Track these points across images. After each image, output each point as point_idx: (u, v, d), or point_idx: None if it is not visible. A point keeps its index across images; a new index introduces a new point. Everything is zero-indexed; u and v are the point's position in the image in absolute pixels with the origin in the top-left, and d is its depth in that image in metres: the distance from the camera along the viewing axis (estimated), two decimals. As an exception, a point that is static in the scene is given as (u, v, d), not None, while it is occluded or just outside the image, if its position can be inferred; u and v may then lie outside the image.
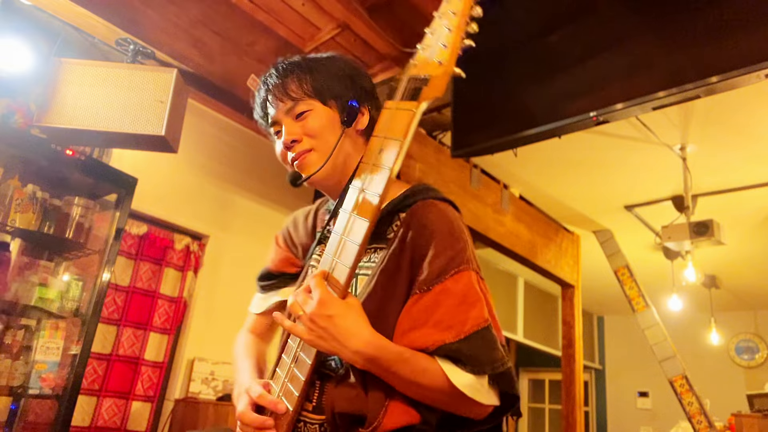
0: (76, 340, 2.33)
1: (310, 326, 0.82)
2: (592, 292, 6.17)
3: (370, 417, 0.83)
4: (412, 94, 0.85)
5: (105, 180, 2.54)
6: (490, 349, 0.84)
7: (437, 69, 0.83)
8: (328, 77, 1.01)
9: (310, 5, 3.27)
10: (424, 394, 0.84)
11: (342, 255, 0.83)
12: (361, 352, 0.81)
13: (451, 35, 0.84)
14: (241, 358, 1.11)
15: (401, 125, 0.84)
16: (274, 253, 1.19)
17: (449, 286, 0.86)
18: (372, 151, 0.87)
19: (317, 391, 0.90)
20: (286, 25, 3.40)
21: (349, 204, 0.86)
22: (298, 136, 1.00)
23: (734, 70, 1.86)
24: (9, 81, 2.37)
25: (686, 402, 4.12)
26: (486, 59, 2.65)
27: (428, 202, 0.95)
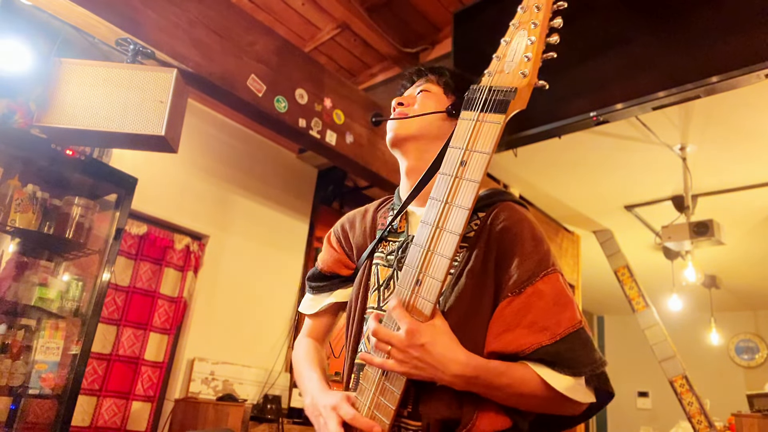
0: (76, 340, 2.33)
1: (403, 359, 0.82)
2: (592, 292, 6.17)
3: (464, 421, 0.84)
4: (495, 106, 0.83)
5: (105, 180, 2.54)
6: (588, 349, 0.85)
7: (522, 81, 0.82)
8: (462, 81, 1.08)
9: (310, 5, 3.27)
10: (524, 402, 0.85)
11: (431, 269, 0.82)
12: (461, 375, 0.81)
13: (534, 46, 0.83)
14: (306, 367, 1.09)
15: (488, 138, 0.83)
16: (327, 254, 1.18)
17: (540, 288, 0.86)
18: (452, 163, 0.85)
19: (412, 397, 0.88)
20: (286, 25, 3.40)
21: (430, 216, 0.85)
22: (408, 102, 1.10)
23: (734, 70, 1.86)
24: (9, 81, 2.36)
25: (686, 402, 4.12)
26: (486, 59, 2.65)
27: (508, 205, 0.98)
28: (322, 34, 3.49)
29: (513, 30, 0.87)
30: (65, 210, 2.42)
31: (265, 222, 3.84)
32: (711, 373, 6.47)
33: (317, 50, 3.61)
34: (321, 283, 1.17)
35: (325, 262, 1.17)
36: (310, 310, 1.19)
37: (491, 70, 0.87)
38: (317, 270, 1.18)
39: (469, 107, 0.87)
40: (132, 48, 2.25)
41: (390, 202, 1.16)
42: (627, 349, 7.52)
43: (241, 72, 2.57)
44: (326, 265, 1.16)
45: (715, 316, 6.11)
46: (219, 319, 3.47)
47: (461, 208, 0.81)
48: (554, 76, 2.59)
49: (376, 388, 0.87)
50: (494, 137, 0.82)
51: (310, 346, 1.15)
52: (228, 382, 3.39)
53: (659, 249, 4.64)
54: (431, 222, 0.84)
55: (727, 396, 5.38)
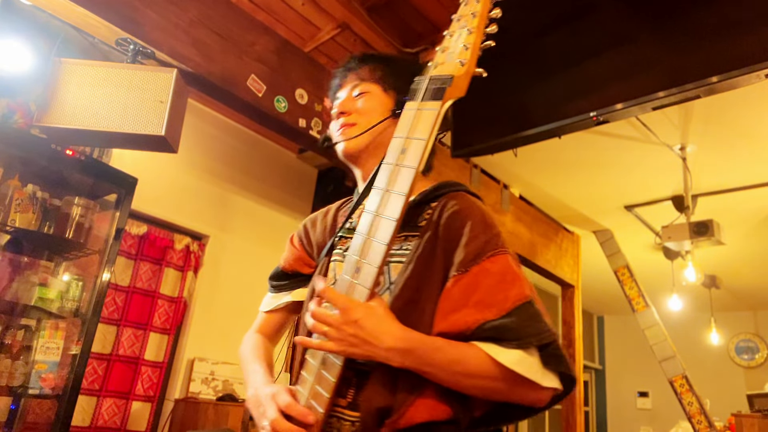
0: (76, 340, 2.33)
1: (338, 336, 0.81)
2: (592, 292, 6.17)
3: (396, 407, 0.82)
4: (433, 95, 0.86)
5: (105, 180, 2.54)
6: (535, 321, 0.82)
7: (459, 69, 0.85)
8: (397, 71, 1.07)
9: (310, 5, 3.27)
10: (471, 383, 0.81)
11: (368, 255, 0.82)
12: (395, 348, 0.80)
13: (472, 36, 0.86)
14: (252, 360, 1.09)
15: (425, 125, 0.85)
16: (288, 253, 1.19)
17: (487, 267, 0.85)
18: (393, 152, 0.87)
19: (353, 387, 0.88)
20: (286, 25, 3.40)
21: (372, 205, 0.86)
22: (348, 109, 1.06)
23: (734, 70, 1.86)
24: (9, 81, 2.36)
25: (686, 402, 4.12)
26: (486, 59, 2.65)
27: (460, 193, 0.98)
28: (322, 34, 3.48)
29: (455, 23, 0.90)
30: (65, 210, 2.42)
31: (265, 222, 3.84)
32: (711, 373, 6.47)
33: (317, 50, 3.61)
34: (282, 281, 1.18)
35: (287, 261, 1.17)
36: (267, 308, 1.19)
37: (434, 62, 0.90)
38: (279, 269, 1.19)
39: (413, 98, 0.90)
40: (132, 48, 2.25)
41: (350, 202, 1.15)
42: (627, 349, 7.52)
43: (241, 72, 2.57)
44: (288, 263, 1.17)
45: (715, 316, 6.11)
46: (219, 319, 3.47)
47: (398, 194, 0.83)
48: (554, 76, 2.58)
49: (315, 377, 0.87)
50: (431, 124, 0.84)
51: (258, 341, 1.15)
52: (228, 382, 3.39)
53: (659, 249, 4.64)
54: (372, 210, 0.85)
55: (727, 396, 5.38)
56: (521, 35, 2.55)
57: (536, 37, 2.49)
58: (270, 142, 3.94)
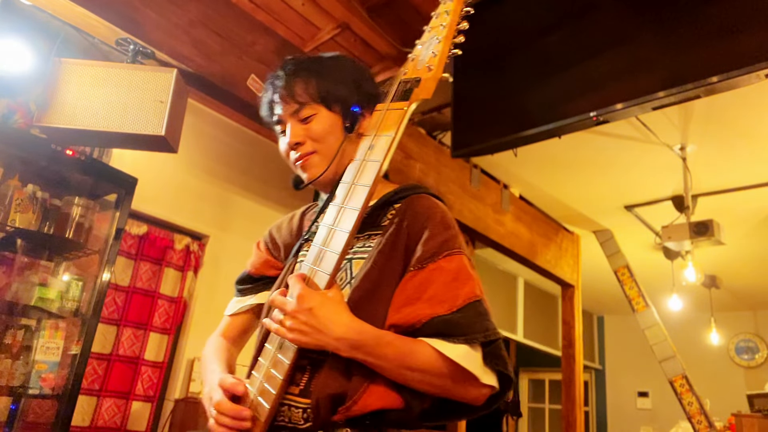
0: (76, 340, 2.33)
1: (292, 324, 0.84)
2: (592, 292, 6.17)
3: (349, 395, 0.83)
4: (401, 95, 0.93)
5: (105, 180, 2.54)
6: (483, 319, 0.86)
7: (427, 73, 0.92)
8: (333, 82, 1.04)
9: (310, 5, 3.27)
10: (418, 378, 0.84)
11: (331, 243, 0.86)
12: (343, 338, 0.82)
13: (440, 45, 0.93)
14: (211, 361, 1.10)
15: (392, 123, 0.91)
16: (255, 258, 1.19)
17: (442, 265, 0.89)
18: (362, 150, 0.93)
19: (306, 375, 0.89)
20: (286, 25, 3.40)
21: (339, 198, 0.90)
22: (302, 138, 1.02)
23: (734, 70, 1.86)
24: (9, 81, 2.36)
25: (686, 402, 4.12)
26: (486, 59, 2.65)
27: (422, 195, 1.01)
28: (322, 34, 3.48)
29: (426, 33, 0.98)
30: (65, 210, 2.42)
31: (265, 222, 3.82)
32: (711, 373, 6.47)
33: (317, 50, 3.61)
34: (248, 285, 1.18)
35: (253, 265, 1.18)
36: (232, 311, 1.19)
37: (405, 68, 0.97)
38: (246, 274, 1.19)
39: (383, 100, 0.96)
40: (132, 48, 2.25)
41: (316, 206, 1.16)
42: (627, 349, 7.52)
43: (241, 72, 2.57)
44: (255, 267, 1.17)
45: (715, 316, 6.11)
46: (219, 319, 3.46)
47: (363, 185, 0.87)
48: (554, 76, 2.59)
49: (271, 361, 0.89)
50: (398, 122, 0.90)
51: (221, 344, 1.16)
52: (228, 382, 3.39)
53: (659, 249, 4.64)
54: (338, 203, 0.90)
55: (727, 396, 5.38)
56: (521, 35, 2.55)
57: (536, 37, 2.49)
58: (270, 142, 3.94)
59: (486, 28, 2.76)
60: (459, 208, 3.53)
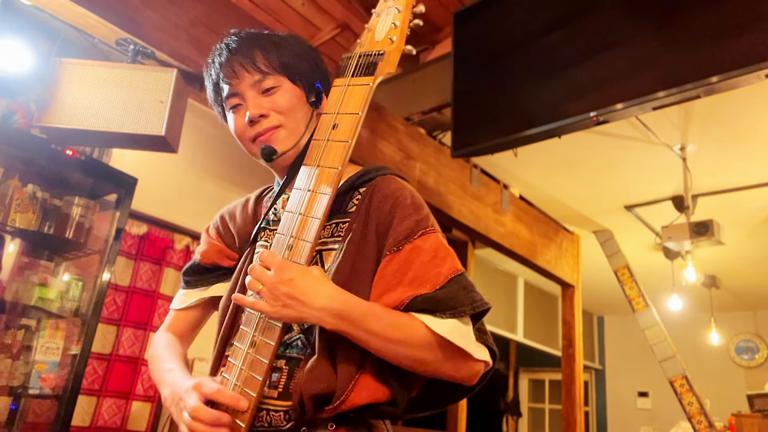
0: (76, 340, 2.33)
1: (272, 296, 0.78)
2: (592, 292, 6.17)
3: (338, 393, 0.80)
4: (364, 70, 0.86)
5: (105, 180, 2.54)
6: (469, 291, 0.84)
7: (390, 45, 0.86)
8: (294, 55, 0.98)
9: (310, 5, 3.27)
10: (407, 353, 0.80)
11: (301, 231, 0.81)
12: (328, 307, 0.78)
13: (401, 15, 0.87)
14: (164, 359, 1.01)
15: (357, 100, 0.85)
16: (206, 245, 1.09)
17: (419, 245, 0.85)
18: (324, 127, 0.86)
19: (284, 376, 0.85)
20: (286, 25, 3.40)
21: (303, 182, 0.84)
22: (265, 111, 0.94)
23: (734, 70, 1.86)
24: (9, 81, 2.36)
25: (686, 402, 4.12)
26: (486, 59, 2.65)
27: (388, 177, 0.96)
28: (322, 34, 3.48)
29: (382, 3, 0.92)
30: (65, 210, 2.42)
31: (265, 222, 3.84)
32: (711, 373, 6.47)
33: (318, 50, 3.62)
34: (198, 276, 1.09)
35: (204, 254, 1.08)
36: (180, 305, 1.10)
37: (362, 40, 0.91)
38: (195, 263, 1.09)
39: (342, 74, 0.89)
40: (132, 48, 2.25)
41: (271, 191, 1.11)
42: (627, 349, 7.52)
43: (241, 72, 2.57)
44: (206, 257, 1.08)
45: (715, 316, 6.11)
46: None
47: (331, 168, 0.82)
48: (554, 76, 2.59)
49: (244, 362, 0.82)
50: (363, 98, 0.84)
51: (171, 340, 1.07)
52: (228, 382, 3.39)
53: (659, 249, 4.64)
54: (304, 186, 0.84)
55: (727, 396, 5.38)
56: (521, 35, 2.55)
57: (536, 37, 2.49)
58: (270, 142, 3.94)
59: (486, 28, 2.76)
60: (459, 208, 3.53)
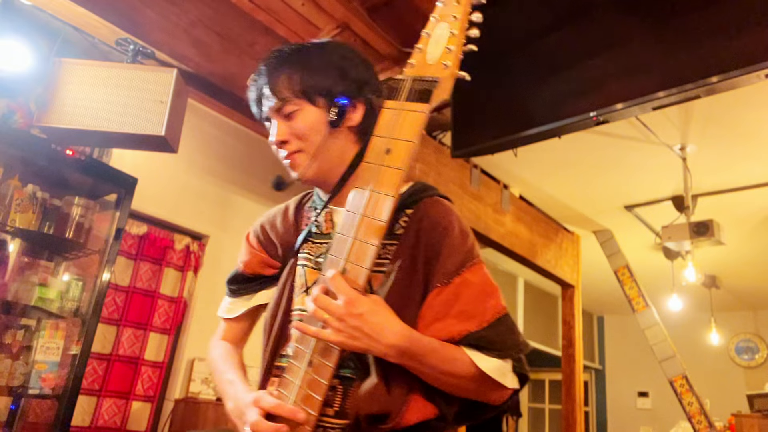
0: (76, 340, 2.33)
1: (340, 327, 0.80)
2: (592, 292, 6.17)
3: (393, 413, 0.85)
4: (418, 96, 0.85)
5: (105, 180, 2.54)
6: (513, 333, 0.91)
7: (443, 71, 0.84)
8: (317, 73, 0.99)
9: (310, 5, 3.26)
10: (453, 383, 0.87)
11: (356, 257, 0.82)
12: (396, 345, 0.82)
13: (455, 39, 0.85)
14: (226, 370, 1.06)
15: (411, 127, 0.84)
16: (248, 255, 1.13)
17: (468, 278, 0.90)
18: (377, 152, 0.86)
19: (339, 395, 0.89)
20: (286, 25, 3.40)
21: (356, 205, 0.84)
22: (286, 136, 0.99)
23: (734, 70, 1.86)
24: (9, 81, 2.37)
25: (686, 402, 4.12)
26: (486, 59, 2.65)
27: (435, 200, 0.99)
28: (322, 34, 3.48)
29: (434, 22, 0.89)
30: (65, 210, 2.42)
31: (265, 222, 3.84)
32: (711, 373, 6.47)
33: (317, 50, 3.61)
34: (242, 285, 1.13)
35: (246, 264, 1.12)
36: (230, 314, 1.14)
37: (414, 61, 0.89)
38: (238, 272, 1.13)
39: (394, 97, 0.88)
40: (132, 48, 2.26)
41: (310, 199, 1.12)
42: (627, 349, 7.52)
43: (241, 72, 2.57)
44: (248, 266, 1.12)
45: (715, 316, 6.11)
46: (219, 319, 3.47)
47: (387, 195, 0.82)
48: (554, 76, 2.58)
49: (302, 380, 0.84)
50: (418, 126, 0.84)
51: (228, 349, 1.12)
52: (228, 382, 3.39)
53: (659, 249, 4.64)
54: (356, 210, 0.84)
55: (727, 396, 5.39)
56: (521, 35, 2.55)
57: (536, 37, 2.49)
58: (270, 141, 3.94)
59: (486, 27, 2.76)
60: (459, 208, 3.50)
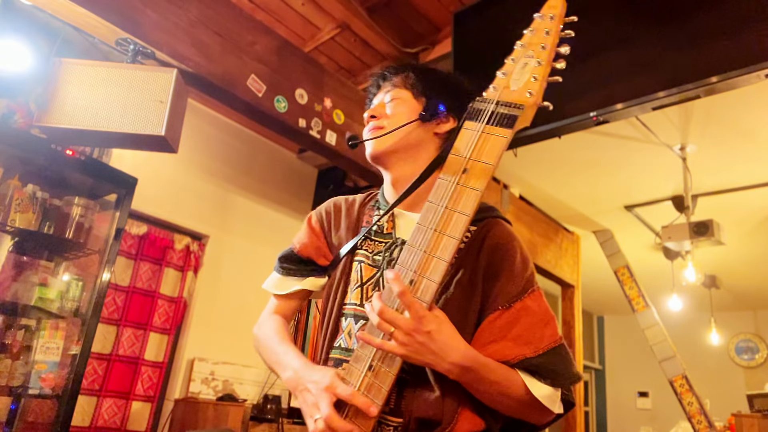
0: (76, 340, 2.33)
1: (406, 342, 0.84)
2: (592, 292, 6.17)
3: (444, 422, 0.89)
4: (501, 120, 0.86)
5: (105, 180, 2.54)
6: (567, 364, 0.94)
7: (528, 99, 0.86)
8: (429, 79, 1.11)
9: (310, 5, 3.27)
10: (504, 402, 0.92)
11: (426, 270, 0.84)
12: (459, 364, 0.86)
13: (541, 69, 0.87)
14: (279, 341, 1.06)
15: (493, 150, 0.85)
16: (306, 237, 1.14)
17: (528, 304, 0.95)
18: (454, 170, 0.87)
19: (394, 394, 0.92)
20: (286, 25, 3.40)
21: (430, 220, 0.86)
22: (378, 113, 1.09)
23: (734, 70, 1.86)
24: (9, 81, 2.37)
25: (686, 402, 4.12)
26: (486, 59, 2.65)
27: (499, 222, 1.05)
28: (322, 34, 3.48)
29: (520, 50, 0.90)
30: (65, 210, 2.42)
31: (265, 222, 3.84)
32: (711, 373, 6.47)
33: (317, 50, 3.61)
34: (294, 266, 1.13)
35: (303, 245, 1.13)
36: (279, 290, 1.14)
37: (497, 85, 0.89)
38: (292, 251, 1.14)
39: (474, 118, 0.89)
40: (132, 48, 2.25)
41: (374, 199, 1.15)
42: (627, 349, 7.52)
43: (241, 72, 2.57)
44: (304, 248, 1.13)
45: (715, 316, 6.11)
46: (219, 319, 3.47)
47: (462, 214, 0.83)
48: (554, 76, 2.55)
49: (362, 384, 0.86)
50: (500, 150, 0.84)
51: (281, 323, 1.12)
52: (228, 382, 3.39)
53: (659, 249, 4.64)
54: (429, 225, 0.85)
55: (727, 396, 5.38)
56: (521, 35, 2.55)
57: (536, 37, 2.49)
58: (270, 142, 3.94)
59: (486, 27, 2.76)
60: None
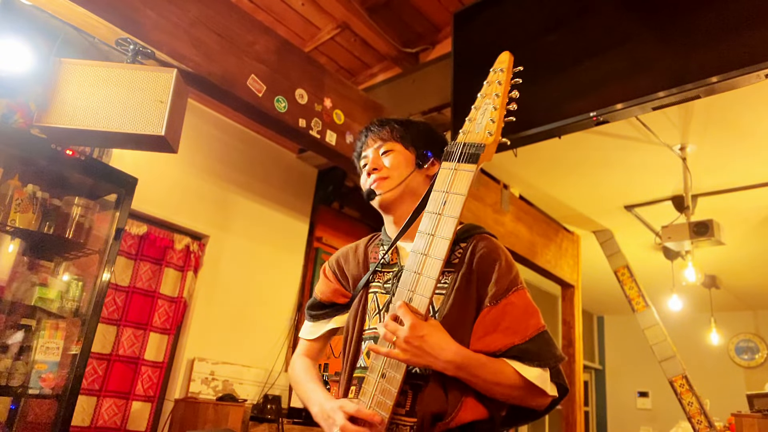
0: (76, 340, 2.33)
1: (406, 347, 1.00)
2: (592, 292, 6.17)
3: (449, 412, 1.03)
4: (469, 158, 1.07)
5: (105, 180, 2.54)
6: (552, 346, 1.10)
7: (488, 138, 1.06)
8: (414, 131, 1.31)
9: (310, 5, 3.27)
10: (500, 391, 1.05)
11: (419, 288, 1.03)
12: (452, 361, 1.02)
13: (497, 113, 1.07)
14: (308, 380, 1.28)
15: (463, 183, 1.05)
16: (324, 285, 1.35)
17: (513, 300, 1.10)
18: (436, 202, 1.07)
19: (410, 398, 1.08)
20: (286, 25, 3.40)
21: (419, 246, 1.06)
22: (379, 165, 1.28)
23: (734, 70, 1.86)
24: (9, 81, 2.36)
25: (686, 402, 4.12)
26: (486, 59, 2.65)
27: (485, 236, 1.21)
28: (322, 34, 3.49)
29: (480, 99, 1.11)
30: (65, 210, 2.42)
31: (265, 222, 3.84)
32: (711, 373, 6.47)
33: (317, 50, 3.61)
34: (320, 311, 1.35)
35: (323, 293, 1.35)
36: (311, 336, 1.36)
37: (465, 130, 1.10)
38: (316, 300, 1.36)
39: (449, 159, 1.09)
40: (132, 48, 2.25)
41: (378, 239, 1.35)
42: (627, 349, 7.53)
43: (241, 72, 2.57)
44: (324, 295, 1.34)
45: (715, 316, 6.11)
46: (219, 319, 3.47)
47: (443, 238, 1.02)
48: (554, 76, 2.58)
49: (376, 389, 1.04)
50: (468, 182, 1.05)
51: (308, 364, 1.34)
52: (228, 382, 3.39)
53: (659, 249, 4.64)
54: (420, 251, 1.05)
55: (727, 396, 5.38)
56: (521, 35, 2.55)
57: (536, 37, 2.49)
58: (270, 142, 3.94)
59: (486, 28, 2.76)
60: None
